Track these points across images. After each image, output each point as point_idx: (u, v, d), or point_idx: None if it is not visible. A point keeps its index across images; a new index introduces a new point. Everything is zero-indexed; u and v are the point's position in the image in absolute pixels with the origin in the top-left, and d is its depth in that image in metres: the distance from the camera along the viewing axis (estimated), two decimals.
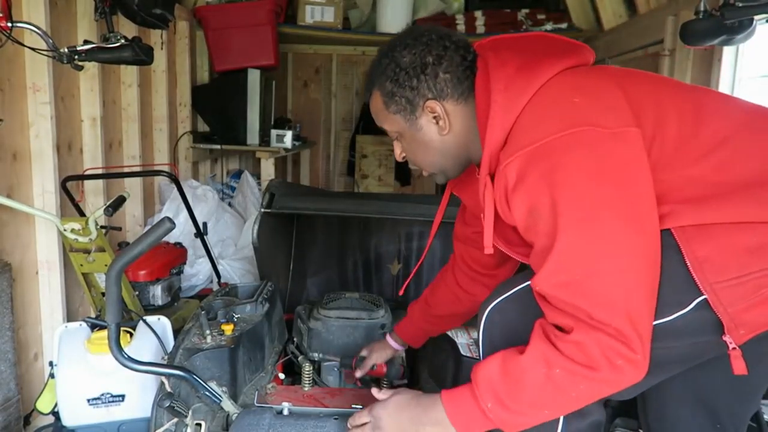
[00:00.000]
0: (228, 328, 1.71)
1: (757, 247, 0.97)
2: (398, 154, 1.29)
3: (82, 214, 2.41)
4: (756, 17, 1.77)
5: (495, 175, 1.08)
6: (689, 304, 1.00)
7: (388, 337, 1.81)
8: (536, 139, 0.99)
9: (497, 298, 1.22)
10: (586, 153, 0.97)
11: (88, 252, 2.06)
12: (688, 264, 0.99)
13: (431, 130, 1.20)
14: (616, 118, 1.00)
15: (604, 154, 0.97)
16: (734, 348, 1.01)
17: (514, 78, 1.07)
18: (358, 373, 1.79)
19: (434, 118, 1.18)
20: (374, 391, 1.27)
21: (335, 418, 1.36)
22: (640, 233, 0.97)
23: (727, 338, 1.00)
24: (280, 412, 1.36)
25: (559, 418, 1.16)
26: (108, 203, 2.06)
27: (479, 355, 1.26)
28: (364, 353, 1.81)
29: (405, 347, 1.80)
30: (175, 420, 1.47)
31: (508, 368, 1.05)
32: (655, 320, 1.00)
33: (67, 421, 1.75)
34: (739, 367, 1.02)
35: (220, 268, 3.04)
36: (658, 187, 1.01)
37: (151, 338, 1.78)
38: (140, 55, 1.83)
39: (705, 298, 0.99)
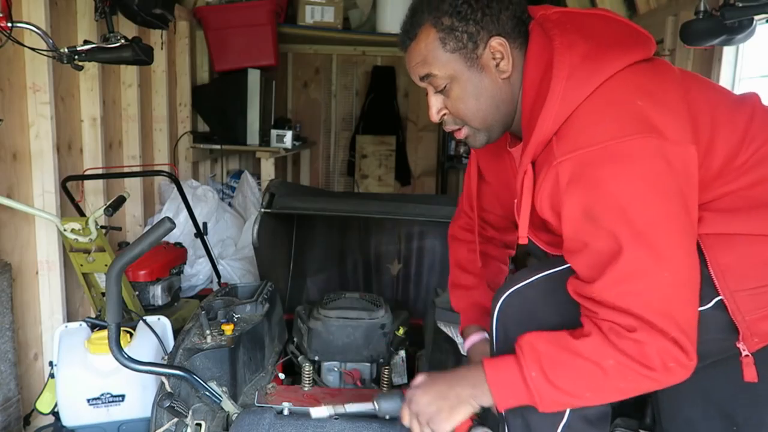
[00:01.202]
0: (228, 328, 1.71)
1: None
2: (436, 111, 1.16)
3: (82, 214, 2.41)
4: (756, 17, 1.76)
5: (539, 166, 1.03)
6: (707, 303, 1.02)
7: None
8: (597, 141, 0.96)
9: (513, 286, 1.19)
10: (650, 163, 0.95)
11: (88, 252, 2.07)
12: (711, 270, 1.01)
13: (491, 73, 1.10)
14: (678, 131, 0.97)
15: (665, 166, 0.95)
16: (747, 355, 1.03)
17: (578, 67, 1.00)
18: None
19: (495, 58, 1.09)
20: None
21: (335, 418, 1.36)
22: (690, 247, 0.98)
23: (740, 345, 1.03)
24: (281, 412, 1.36)
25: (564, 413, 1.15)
26: (108, 203, 2.06)
27: (492, 344, 1.23)
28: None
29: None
30: (175, 420, 1.47)
31: (560, 345, 1.03)
32: None
33: (67, 421, 1.75)
34: (750, 374, 1.04)
35: (220, 268, 3.04)
36: (700, 198, 1.02)
37: (151, 338, 1.78)
38: (140, 55, 1.83)
39: (721, 299, 1.01)
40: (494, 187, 1.40)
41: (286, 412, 1.35)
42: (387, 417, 1.31)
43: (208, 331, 1.68)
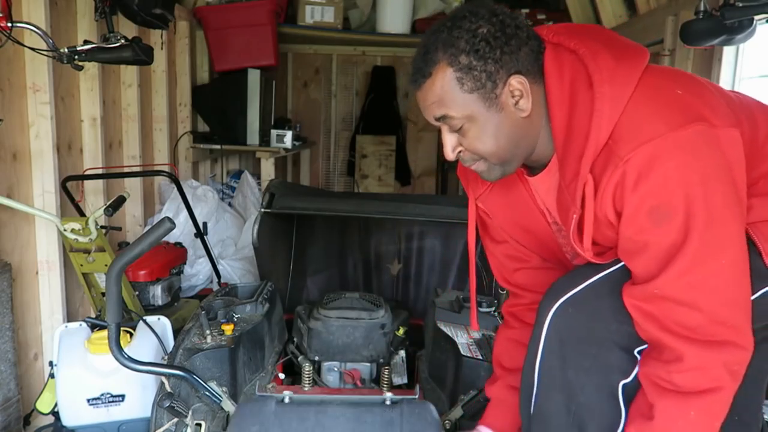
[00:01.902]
0: (228, 328, 1.71)
1: None
2: (451, 149, 1.14)
3: (82, 214, 2.41)
4: (756, 17, 1.76)
5: (598, 173, 1.02)
6: (757, 292, 1.04)
7: None
8: (658, 133, 0.95)
9: (563, 296, 1.15)
10: (711, 151, 0.96)
11: (88, 252, 2.07)
12: (765, 259, 1.05)
13: (509, 111, 1.07)
14: (720, 116, 0.99)
15: (720, 153, 0.97)
16: None
17: (616, 69, 1.01)
18: None
19: (514, 96, 1.06)
20: None
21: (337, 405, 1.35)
22: (743, 234, 1.00)
23: None
24: (282, 401, 1.36)
25: (620, 408, 1.12)
26: (108, 203, 2.07)
27: (537, 354, 1.17)
28: None
29: None
30: (175, 420, 1.47)
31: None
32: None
33: (67, 421, 1.75)
34: None
35: (220, 268, 3.04)
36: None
37: (151, 338, 1.79)
38: (140, 55, 1.83)
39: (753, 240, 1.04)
40: (506, 228, 1.35)
41: (287, 400, 1.35)
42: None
43: (208, 331, 1.68)
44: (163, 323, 1.90)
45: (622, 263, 1.10)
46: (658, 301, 1.00)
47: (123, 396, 1.74)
